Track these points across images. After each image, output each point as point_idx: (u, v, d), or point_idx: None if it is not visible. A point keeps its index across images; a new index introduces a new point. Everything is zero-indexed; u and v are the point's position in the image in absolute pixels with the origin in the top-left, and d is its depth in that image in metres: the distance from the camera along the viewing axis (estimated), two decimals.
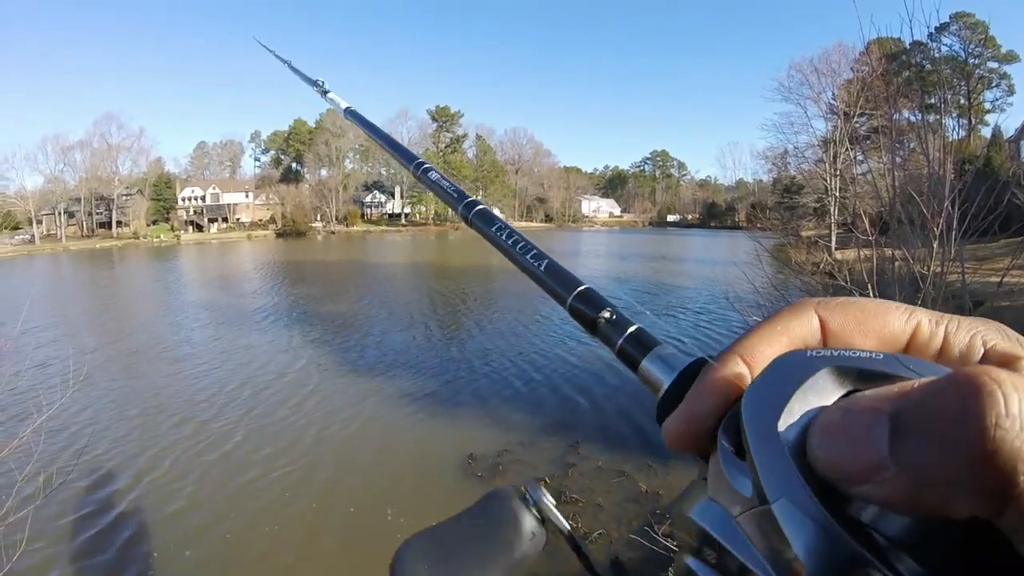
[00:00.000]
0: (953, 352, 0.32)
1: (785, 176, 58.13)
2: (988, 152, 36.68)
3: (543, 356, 17.57)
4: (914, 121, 10.10)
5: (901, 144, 9.58)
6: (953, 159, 7.23)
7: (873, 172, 10.09)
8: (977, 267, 8.26)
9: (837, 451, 0.26)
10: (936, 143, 7.55)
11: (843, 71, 44.85)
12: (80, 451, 10.11)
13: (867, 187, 17.98)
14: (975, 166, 10.10)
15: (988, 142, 42.35)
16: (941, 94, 9.19)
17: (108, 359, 17.74)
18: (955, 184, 6.62)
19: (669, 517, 5.93)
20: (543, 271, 0.63)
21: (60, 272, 48.07)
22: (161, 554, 8.03)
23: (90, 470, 10.26)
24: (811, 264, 19.43)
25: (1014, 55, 56.28)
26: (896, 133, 9.05)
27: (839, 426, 0.27)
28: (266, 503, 9.26)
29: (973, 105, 54.94)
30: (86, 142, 79.65)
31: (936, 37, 49.93)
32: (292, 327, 22.51)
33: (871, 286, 7.67)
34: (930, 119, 8.62)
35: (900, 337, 0.33)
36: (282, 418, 12.75)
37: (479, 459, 10.51)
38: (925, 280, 6.87)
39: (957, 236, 6.67)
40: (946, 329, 0.33)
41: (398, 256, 57.21)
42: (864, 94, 33.28)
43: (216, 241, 78.60)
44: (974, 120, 54.18)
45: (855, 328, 0.34)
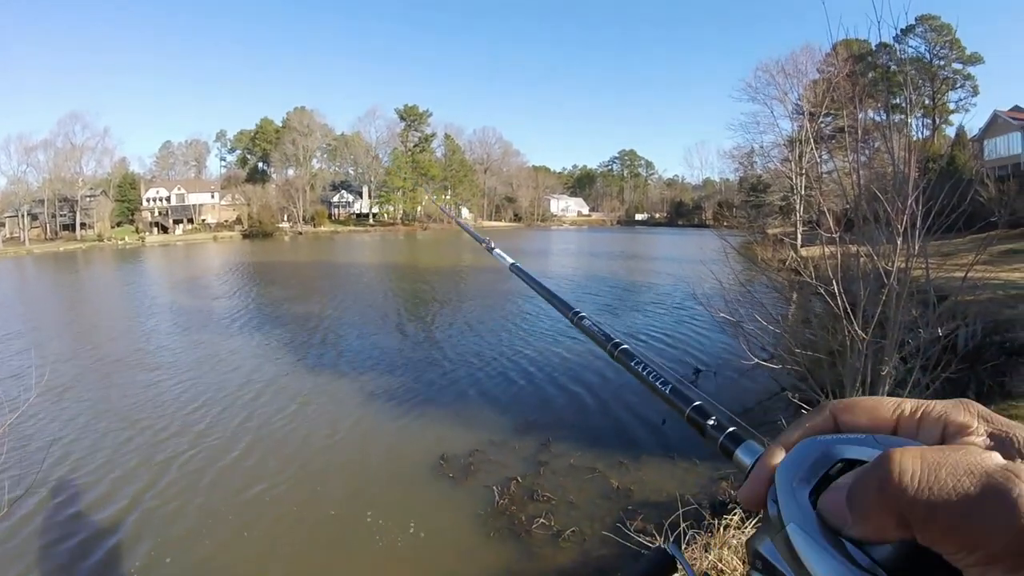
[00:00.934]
0: (927, 429, 0.46)
1: (751, 175, 59.03)
2: (952, 151, 37.67)
3: (514, 356, 17.52)
4: (879, 121, 10.28)
5: (866, 143, 9.74)
6: (917, 158, 7.37)
7: (838, 171, 10.26)
8: (942, 263, 8.44)
9: (828, 510, 0.43)
10: (901, 142, 7.69)
11: (809, 72, 45.74)
12: (52, 461, 9.79)
13: (832, 185, 18.34)
14: (939, 165, 10.32)
15: (952, 141, 43.52)
16: (907, 94, 9.34)
17: (81, 368, 17.24)
18: (919, 182, 6.75)
19: (641, 514, 5.93)
20: (665, 389, 0.78)
21: (25, 276, 46.62)
22: (142, 562, 7.81)
23: (59, 481, 9.96)
24: (777, 261, 19.81)
25: (978, 57, 57.76)
26: (861, 132, 9.19)
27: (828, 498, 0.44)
28: (245, 509, 9.03)
29: (937, 105, 56.34)
30: (50, 142, 77.74)
31: (902, 39, 51.23)
32: (260, 331, 22.10)
33: (836, 282, 7.79)
34: (895, 119, 8.77)
35: (889, 421, 0.48)
36: (256, 423, 12.49)
37: (450, 460, 10.42)
38: (890, 276, 6.98)
39: (921, 233, 6.79)
40: (923, 412, 0.47)
41: (368, 257, 56.72)
42: (830, 94, 33.91)
43: (182, 243, 77.00)
44: (938, 120, 55.57)
45: (857, 418, 0.49)
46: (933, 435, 0.45)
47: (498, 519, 8.52)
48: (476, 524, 8.46)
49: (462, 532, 8.33)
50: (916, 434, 0.46)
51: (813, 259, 10.91)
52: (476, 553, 7.82)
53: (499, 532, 8.20)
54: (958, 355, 8.31)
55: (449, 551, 7.89)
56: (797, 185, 40.64)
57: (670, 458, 10.20)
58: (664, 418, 11.93)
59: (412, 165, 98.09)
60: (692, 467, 9.83)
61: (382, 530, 8.34)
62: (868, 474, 0.41)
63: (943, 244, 8.23)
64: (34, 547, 8.16)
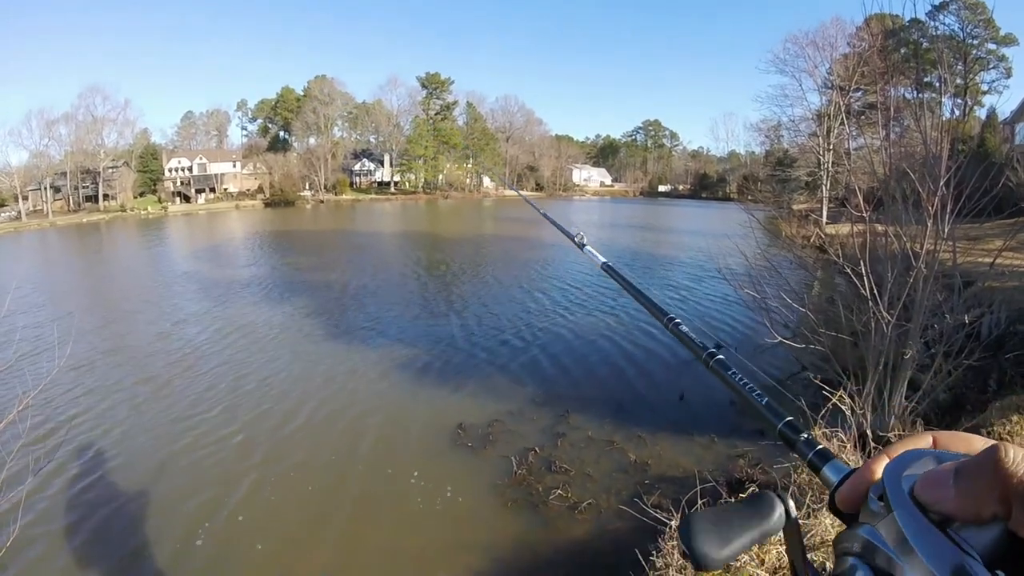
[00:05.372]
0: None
1: (778, 149, 58.07)
2: (983, 134, 36.63)
3: (533, 325, 17.63)
4: (910, 99, 10.05)
5: (897, 121, 9.54)
6: (948, 139, 7.21)
7: (868, 147, 10.06)
8: (969, 247, 8.30)
9: (927, 486, 0.48)
10: (933, 122, 7.52)
11: (840, 45, 44.53)
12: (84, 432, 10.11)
13: (861, 162, 17.98)
14: (970, 147, 10.07)
15: (984, 123, 42.25)
16: (940, 73, 9.08)
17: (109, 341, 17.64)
18: (950, 164, 6.62)
19: (658, 488, 5.99)
20: (761, 401, 0.85)
21: (48, 248, 47.30)
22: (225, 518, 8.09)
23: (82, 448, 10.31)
24: (802, 237, 19.58)
25: (1012, 38, 55.57)
26: (893, 110, 9.00)
27: (930, 475, 0.49)
28: (303, 472, 9.31)
29: (969, 86, 54.63)
30: (71, 115, 77.40)
31: (936, 15, 49.58)
32: (285, 300, 22.40)
33: (863, 262, 7.71)
34: (926, 97, 8.56)
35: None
36: (289, 390, 12.80)
37: (468, 429, 10.60)
38: (918, 258, 6.90)
39: (951, 216, 6.68)
40: None
41: (390, 225, 56.81)
42: (860, 69, 33.09)
43: (204, 212, 77.47)
44: (970, 101, 53.91)
45: (954, 444, 0.55)
46: None
47: (515, 490, 8.66)
48: (493, 494, 8.62)
49: (478, 502, 8.48)
50: None
51: (839, 237, 10.78)
52: (492, 523, 7.97)
53: (516, 503, 8.35)
54: (981, 343, 8.20)
55: (463, 522, 8.04)
56: (824, 160, 39.97)
57: (688, 434, 10.25)
58: (682, 393, 11.96)
59: (433, 133, 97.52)
60: (710, 444, 9.89)
61: (392, 502, 8.55)
62: (979, 457, 0.45)
63: (971, 228, 8.08)
64: (63, 513, 8.49)
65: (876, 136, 9.99)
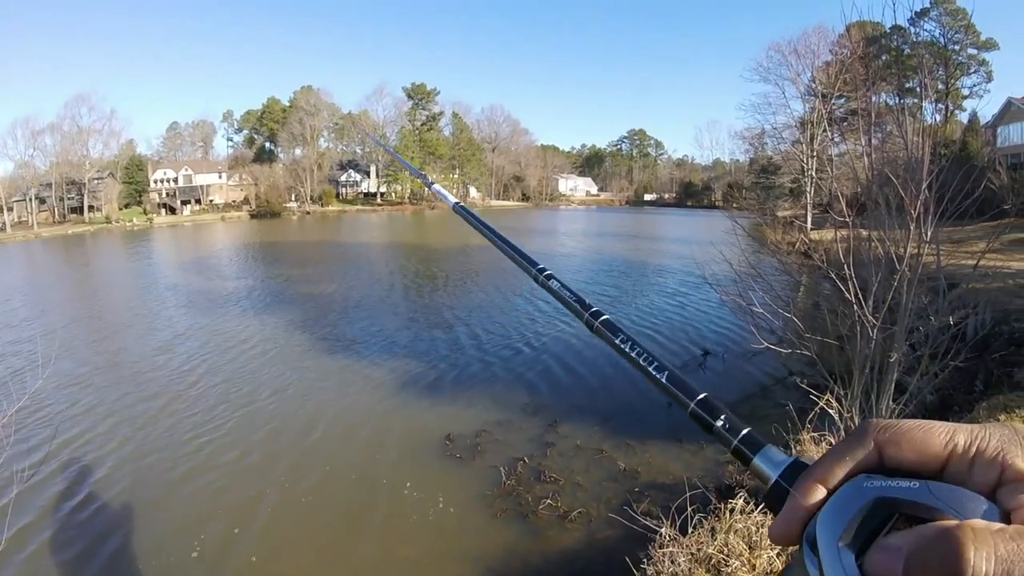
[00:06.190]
0: (981, 470, 0.43)
1: (762, 156, 58.64)
2: (965, 137, 37.20)
3: (521, 336, 17.56)
4: (892, 104, 10.16)
5: (879, 127, 9.63)
6: (930, 143, 7.28)
7: (850, 153, 10.15)
8: (953, 250, 8.37)
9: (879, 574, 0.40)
10: (914, 127, 7.59)
11: (822, 53, 45.20)
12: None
13: (844, 168, 18.15)
14: (952, 150, 10.19)
15: (965, 127, 42.93)
16: (920, 78, 9.21)
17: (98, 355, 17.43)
18: (932, 168, 6.67)
19: (648, 496, 5.96)
20: (665, 379, 0.73)
21: (34, 260, 46.70)
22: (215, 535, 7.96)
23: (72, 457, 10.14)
24: (787, 244, 19.71)
25: (993, 43, 56.66)
26: (874, 116, 9.08)
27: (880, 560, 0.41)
28: (288, 483, 9.17)
29: (951, 91, 55.48)
30: (56, 125, 77.12)
31: (917, 22, 50.35)
32: (272, 312, 22.28)
33: (847, 266, 7.75)
34: (908, 103, 8.65)
35: (940, 456, 0.44)
36: (272, 405, 12.66)
37: (456, 440, 10.51)
38: (901, 261, 6.94)
39: (934, 219, 6.73)
40: (977, 448, 0.43)
41: (376, 236, 56.65)
42: (842, 76, 33.52)
43: (190, 223, 77.15)
44: (951, 106, 54.72)
45: (904, 454, 0.46)
46: (988, 478, 0.43)
47: (505, 500, 8.59)
48: (482, 505, 8.54)
49: (468, 513, 8.40)
50: (969, 474, 0.43)
51: (823, 242, 10.84)
52: (482, 534, 7.89)
53: (505, 513, 8.27)
54: (967, 344, 8.26)
55: (453, 532, 7.96)
56: (808, 167, 40.38)
57: (677, 440, 10.23)
58: (671, 400, 11.93)
59: (419, 144, 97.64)
60: (698, 450, 9.87)
61: (382, 513, 8.46)
62: (932, 554, 0.38)
63: (954, 231, 8.16)
64: (53, 518, 8.33)
65: (859, 142, 10.06)
